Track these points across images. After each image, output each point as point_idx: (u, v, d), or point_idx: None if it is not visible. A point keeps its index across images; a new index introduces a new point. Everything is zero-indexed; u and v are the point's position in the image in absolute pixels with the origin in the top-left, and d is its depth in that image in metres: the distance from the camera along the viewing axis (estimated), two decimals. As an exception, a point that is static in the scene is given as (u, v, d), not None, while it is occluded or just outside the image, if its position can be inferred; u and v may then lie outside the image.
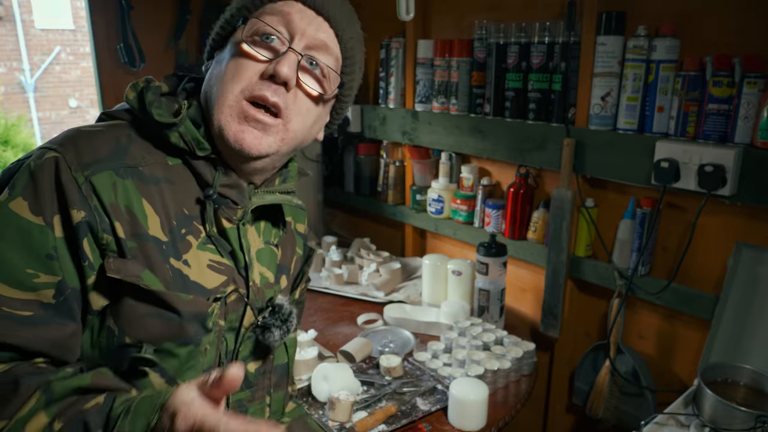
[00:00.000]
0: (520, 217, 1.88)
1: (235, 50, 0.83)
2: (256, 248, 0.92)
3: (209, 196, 0.83)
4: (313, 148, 2.41)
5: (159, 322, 0.79)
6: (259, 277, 0.91)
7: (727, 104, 1.38)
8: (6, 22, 9.94)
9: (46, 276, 0.74)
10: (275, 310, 0.90)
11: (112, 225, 0.76)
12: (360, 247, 2.31)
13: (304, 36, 0.83)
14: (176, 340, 0.80)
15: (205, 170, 0.84)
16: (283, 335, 0.91)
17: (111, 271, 0.75)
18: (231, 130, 0.81)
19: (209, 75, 0.86)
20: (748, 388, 1.27)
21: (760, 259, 1.39)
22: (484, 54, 1.88)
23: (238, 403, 0.91)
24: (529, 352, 1.56)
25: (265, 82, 0.81)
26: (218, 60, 0.85)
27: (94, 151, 0.77)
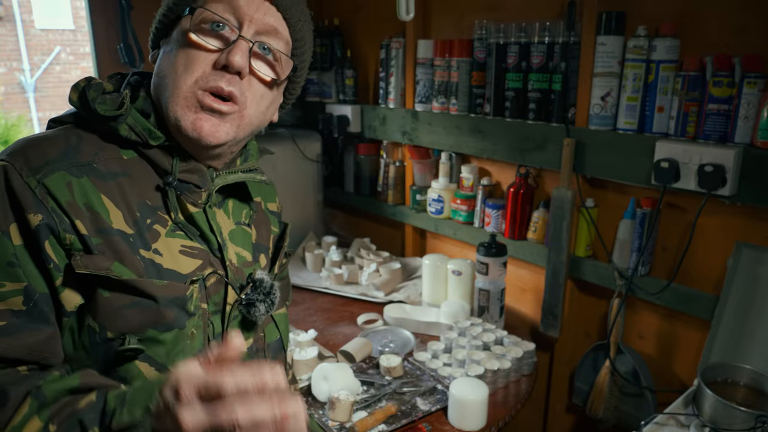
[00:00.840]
0: (520, 217, 1.88)
1: (184, 40, 0.82)
2: (227, 230, 0.91)
3: (169, 184, 0.83)
4: (313, 148, 2.41)
5: (137, 311, 0.79)
6: (235, 257, 0.91)
7: (727, 104, 1.38)
8: (6, 22, 9.94)
9: (11, 284, 0.74)
10: (256, 285, 0.90)
11: (73, 224, 0.76)
12: (360, 247, 2.31)
13: (252, 22, 0.82)
14: (158, 327, 0.80)
15: (162, 159, 0.84)
16: (269, 308, 0.91)
17: (79, 267, 0.75)
18: (188, 120, 0.81)
19: (159, 66, 0.85)
20: (748, 388, 1.27)
21: (760, 259, 1.39)
22: (484, 54, 1.88)
23: None
24: (529, 352, 1.56)
25: (218, 72, 0.81)
26: (166, 50, 0.84)
27: (44, 154, 0.77)
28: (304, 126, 2.56)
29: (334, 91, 2.48)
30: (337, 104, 2.45)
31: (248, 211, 0.97)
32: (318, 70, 2.55)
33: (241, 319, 0.91)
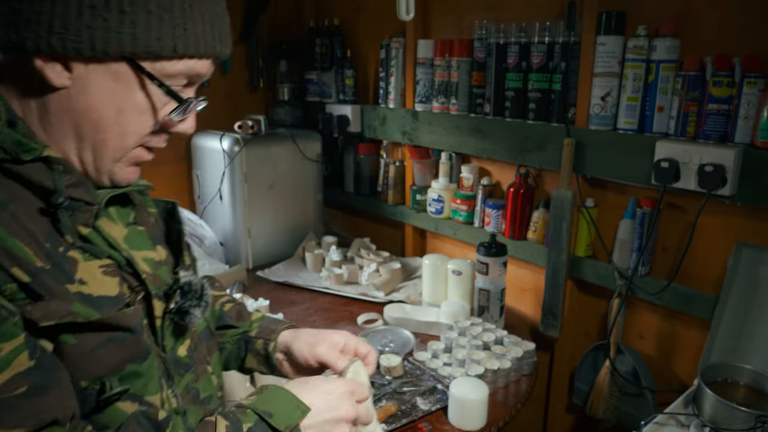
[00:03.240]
0: (520, 217, 1.88)
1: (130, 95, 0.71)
2: (122, 237, 0.79)
3: (60, 205, 0.68)
4: (313, 148, 2.41)
5: (113, 348, 0.71)
6: (145, 263, 0.80)
7: (727, 104, 1.38)
8: (6, 22, 9.88)
9: (7, 344, 0.62)
10: (185, 291, 0.81)
11: (7, 272, 0.64)
12: (360, 247, 2.31)
13: (201, 80, 0.79)
14: (136, 360, 0.73)
15: (40, 175, 0.68)
16: (204, 311, 0.83)
17: (41, 320, 0.64)
18: (123, 176, 0.76)
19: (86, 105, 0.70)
20: (748, 388, 1.27)
21: (760, 259, 1.39)
22: (484, 54, 1.88)
23: (187, 388, 0.84)
24: (529, 352, 1.56)
25: (163, 135, 0.78)
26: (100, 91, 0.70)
27: None
28: (304, 126, 2.56)
29: (334, 91, 2.48)
30: (337, 104, 2.45)
31: (129, 211, 0.85)
32: (318, 70, 2.55)
33: (173, 327, 0.82)
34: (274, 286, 2.11)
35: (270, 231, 2.34)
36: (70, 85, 0.68)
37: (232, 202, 2.24)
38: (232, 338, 1.02)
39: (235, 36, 2.56)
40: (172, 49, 0.69)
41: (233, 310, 1.05)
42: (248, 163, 2.21)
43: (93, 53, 0.67)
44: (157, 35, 0.68)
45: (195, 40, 0.71)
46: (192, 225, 2.22)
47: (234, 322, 1.03)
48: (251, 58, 2.61)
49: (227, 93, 2.59)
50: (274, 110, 2.63)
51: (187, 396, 0.84)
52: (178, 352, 0.83)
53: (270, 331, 1.01)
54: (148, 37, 0.67)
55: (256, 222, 2.29)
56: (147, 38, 0.67)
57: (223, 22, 0.75)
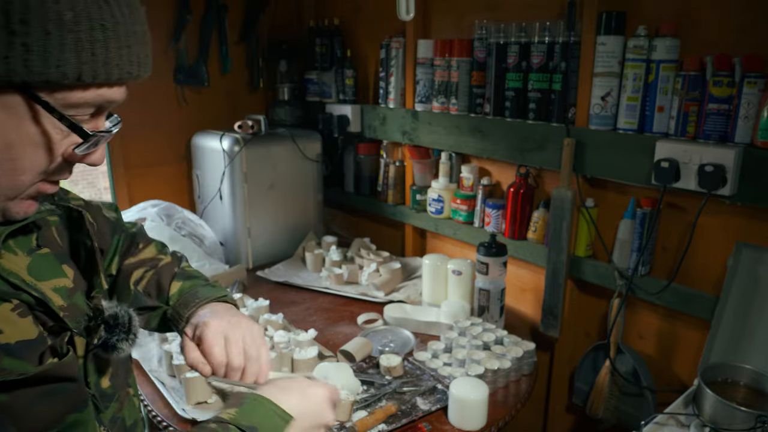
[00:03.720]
0: (520, 217, 1.88)
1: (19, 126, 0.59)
2: (25, 268, 0.69)
3: None
4: (313, 148, 2.42)
5: (50, 403, 0.65)
6: (57, 295, 0.71)
7: (727, 104, 1.38)
8: (6, 22, 9.87)
9: None
10: (111, 324, 0.73)
11: None
12: (360, 247, 2.31)
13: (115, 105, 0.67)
14: (78, 409, 0.68)
15: None
16: (133, 343, 0.75)
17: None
18: (20, 211, 0.66)
19: None
20: (748, 388, 1.27)
21: (760, 259, 1.39)
22: (484, 54, 1.88)
23: (113, 419, 0.78)
24: (529, 352, 1.56)
25: (68, 166, 0.66)
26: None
27: None
28: (304, 126, 2.56)
29: (334, 91, 2.48)
30: (337, 104, 2.45)
31: (33, 235, 0.74)
32: (318, 70, 2.56)
33: (96, 361, 0.75)
34: (274, 286, 2.11)
35: (270, 231, 2.34)
36: None
37: (232, 202, 2.24)
38: (154, 318, 0.94)
39: (235, 36, 2.56)
40: (76, 77, 0.58)
41: (151, 282, 0.95)
42: (248, 163, 2.21)
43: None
44: (57, 61, 0.56)
45: (105, 65, 0.59)
46: (192, 225, 2.22)
47: (152, 302, 0.94)
48: (251, 58, 2.61)
49: (227, 93, 2.59)
50: (274, 110, 2.64)
51: (113, 427, 0.78)
52: (102, 384, 0.76)
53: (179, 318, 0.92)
54: (44, 63, 0.56)
55: (256, 222, 2.29)
56: (43, 65, 0.56)
57: (142, 42, 0.64)
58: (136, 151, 2.37)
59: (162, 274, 0.96)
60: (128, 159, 2.38)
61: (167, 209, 2.17)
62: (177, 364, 1.47)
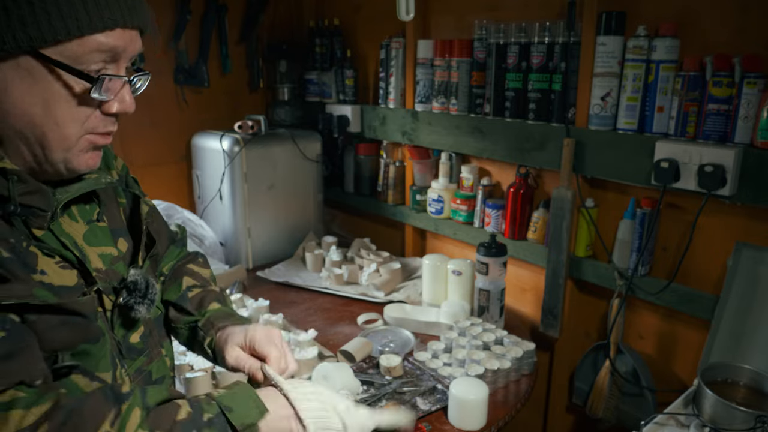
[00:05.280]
0: (520, 217, 1.88)
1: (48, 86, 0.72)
2: (80, 235, 0.85)
3: (12, 213, 0.74)
4: (313, 148, 2.42)
5: (66, 330, 0.77)
6: (100, 261, 0.86)
7: (727, 104, 1.38)
8: (6, 22, 9.86)
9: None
10: (131, 289, 0.87)
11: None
12: (360, 247, 2.31)
13: (128, 55, 0.78)
14: (89, 340, 0.80)
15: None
16: (149, 307, 0.89)
17: (3, 299, 0.70)
18: (81, 162, 0.78)
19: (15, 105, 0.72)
20: (748, 388, 1.27)
21: (760, 259, 1.39)
22: (484, 54, 1.88)
23: (139, 371, 0.91)
24: (529, 352, 1.56)
25: (108, 118, 0.78)
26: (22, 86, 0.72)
27: None
28: (304, 126, 2.56)
29: (334, 91, 2.48)
30: (337, 104, 2.45)
31: (94, 206, 0.90)
32: (318, 70, 2.56)
33: (122, 319, 0.89)
34: (274, 287, 2.11)
35: (270, 231, 2.34)
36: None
37: (232, 202, 2.24)
38: (185, 325, 1.05)
39: (235, 36, 2.56)
40: (65, 31, 0.69)
41: (197, 297, 1.07)
42: (248, 163, 2.21)
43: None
44: (47, 22, 0.68)
45: (88, 15, 0.70)
46: (192, 225, 2.22)
47: (192, 309, 1.06)
48: (251, 58, 2.61)
49: (227, 93, 2.59)
50: (274, 110, 2.64)
51: (138, 377, 0.91)
52: (131, 339, 0.90)
53: (210, 326, 1.04)
54: (38, 26, 0.68)
55: (256, 222, 2.29)
56: (38, 28, 0.68)
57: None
58: (136, 151, 2.37)
59: (207, 295, 1.08)
60: (128, 159, 2.36)
61: (167, 209, 2.17)
62: (178, 365, 1.47)
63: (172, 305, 1.05)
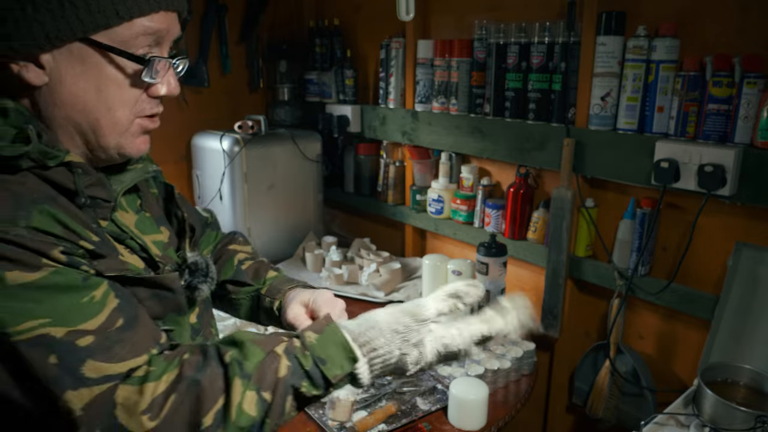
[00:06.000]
0: (520, 217, 1.88)
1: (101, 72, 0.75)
2: (133, 224, 0.88)
3: (83, 205, 0.76)
4: (313, 148, 2.42)
5: (156, 302, 0.82)
6: (155, 246, 0.89)
7: (727, 104, 1.38)
8: (6, 22, 9.85)
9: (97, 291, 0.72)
10: (192, 270, 0.91)
11: (76, 243, 0.73)
12: (360, 247, 2.31)
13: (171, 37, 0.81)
14: (178, 311, 0.86)
15: (62, 177, 0.75)
16: (211, 285, 0.93)
17: (105, 271, 0.75)
18: (132, 146, 0.82)
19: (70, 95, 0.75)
20: (748, 388, 1.27)
21: (760, 259, 1.39)
22: (484, 54, 1.88)
23: None
24: (529, 352, 1.57)
25: (154, 100, 0.82)
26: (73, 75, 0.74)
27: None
28: (304, 126, 2.56)
29: (334, 91, 2.48)
30: (337, 104, 2.45)
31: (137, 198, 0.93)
32: (318, 70, 2.56)
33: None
34: (274, 286, 2.11)
35: (270, 231, 2.34)
36: (48, 80, 0.74)
37: (232, 202, 2.24)
38: (246, 295, 1.08)
39: (235, 36, 2.56)
40: (115, 15, 0.72)
41: (251, 267, 1.11)
42: (248, 163, 2.21)
43: (50, 43, 0.71)
44: (97, 8, 0.71)
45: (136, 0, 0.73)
46: (192, 225, 2.22)
47: (250, 280, 1.09)
48: (251, 58, 2.61)
49: (227, 93, 2.59)
50: (274, 110, 2.64)
51: None
52: (190, 319, 0.93)
53: (277, 291, 1.07)
54: (90, 12, 0.71)
55: (256, 222, 2.29)
56: (89, 14, 0.71)
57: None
58: (136, 151, 2.37)
59: (261, 265, 1.12)
60: (128, 159, 2.38)
61: (167, 209, 2.17)
62: None
63: (228, 282, 1.09)
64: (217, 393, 0.71)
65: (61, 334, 0.67)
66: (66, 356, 0.66)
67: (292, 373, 0.75)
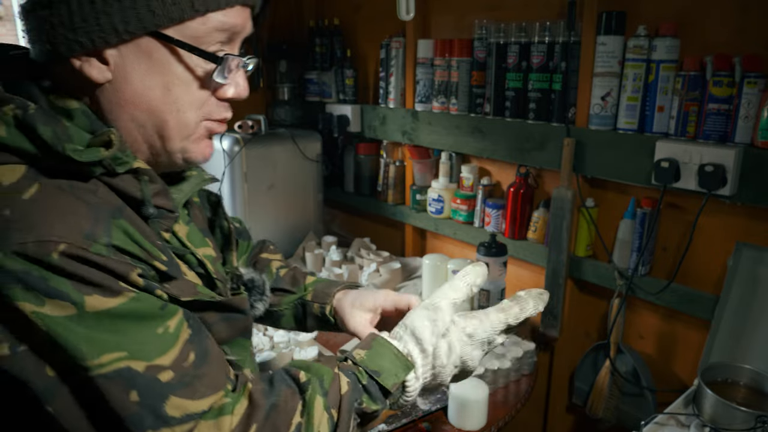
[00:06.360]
0: (520, 217, 1.88)
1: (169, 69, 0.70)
2: (185, 236, 0.81)
3: (151, 215, 0.71)
4: (313, 148, 2.41)
5: (225, 325, 0.77)
6: (206, 260, 0.82)
7: (727, 104, 1.38)
8: (6, 22, 9.93)
9: (171, 321, 0.67)
10: (249, 287, 0.88)
11: (148, 263, 0.68)
12: (360, 247, 2.31)
13: (243, 35, 0.76)
14: (245, 335, 0.82)
15: (129, 185, 0.70)
16: (265, 304, 0.91)
17: (181, 296, 0.70)
18: (198, 151, 0.77)
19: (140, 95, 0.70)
20: (748, 388, 1.27)
21: (760, 259, 1.39)
22: (484, 54, 1.88)
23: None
24: (529, 352, 1.57)
25: (222, 103, 0.76)
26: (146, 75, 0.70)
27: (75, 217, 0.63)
28: (304, 126, 2.56)
29: (334, 91, 2.48)
30: (337, 104, 2.45)
31: (186, 209, 0.87)
32: (318, 70, 2.55)
33: None
34: (274, 286, 2.11)
35: (270, 231, 2.34)
36: (112, 77, 0.68)
37: (232, 202, 2.24)
38: (289, 304, 1.05)
39: (235, 36, 2.56)
40: (192, 9, 0.67)
41: (287, 275, 1.08)
42: (248, 163, 2.21)
43: (119, 37, 0.66)
44: (172, 0, 0.66)
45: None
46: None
47: (289, 287, 1.05)
48: (251, 58, 2.61)
49: (227, 93, 2.58)
50: (274, 110, 2.63)
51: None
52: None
53: (324, 295, 1.04)
54: (164, 4, 0.66)
55: (256, 222, 2.28)
56: (163, 6, 0.66)
57: None
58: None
59: (296, 272, 1.09)
60: (128, 159, 2.38)
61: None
62: None
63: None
64: (293, 414, 0.70)
65: (142, 369, 0.62)
66: (148, 393, 0.61)
67: (352, 389, 0.74)
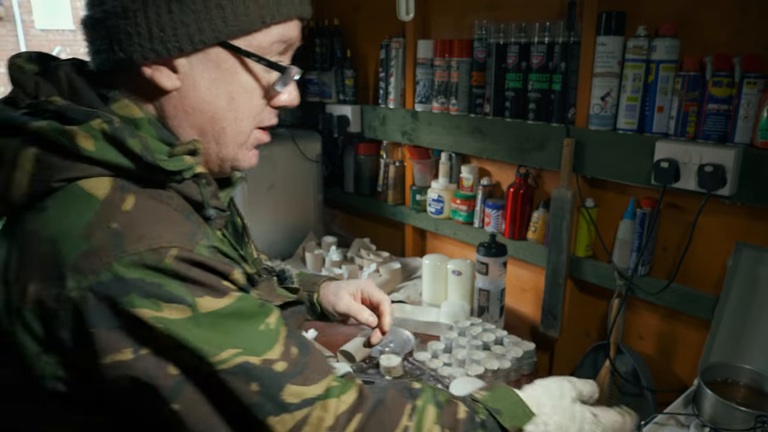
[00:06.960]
0: (520, 217, 1.88)
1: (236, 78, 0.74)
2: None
3: (211, 217, 0.74)
4: (313, 148, 2.42)
5: (293, 319, 0.84)
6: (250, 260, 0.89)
7: (727, 104, 1.38)
8: (6, 23, 9.95)
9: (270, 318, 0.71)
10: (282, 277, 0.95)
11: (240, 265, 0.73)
12: (360, 247, 2.31)
13: (296, 45, 0.81)
14: (300, 326, 0.90)
15: (191, 189, 0.73)
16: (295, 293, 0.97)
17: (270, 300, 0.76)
18: (246, 159, 0.80)
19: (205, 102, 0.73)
20: (748, 388, 1.27)
21: (760, 259, 1.39)
22: (484, 54, 1.88)
23: None
24: (529, 352, 1.56)
25: (273, 111, 0.80)
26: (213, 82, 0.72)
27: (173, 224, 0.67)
28: (304, 126, 2.56)
29: (334, 91, 2.48)
30: (337, 104, 2.45)
31: None
32: (318, 70, 2.55)
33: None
34: (274, 286, 2.11)
35: (270, 231, 2.34)
36: (180, 85, 0.71)
37: (232, 202, 2.24)
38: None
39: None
40: (261, 20, 0.71)
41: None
42: (248, 163, 2.21)
43: (192, 46, 0.69)
44: (244, 12, 0.70)
45: (277, 5, 0.72)
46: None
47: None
48: (251, 58, 2.61)
49: (227, 93, 2.58)
50: (274, 110, 2.63)
51: None
52: None
53: (311, 284, 1.12)
54: (236, 15, 0.69)
55: (255, 222, 2.28)
56: (236, 17, 0.69)
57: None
58: (136, 151, 2.36)
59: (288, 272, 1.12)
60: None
61: (167, 209, 2.17)
62: None
63: None
64: (401, 415, 0.73)
65: (258, 362, 0.66)
66: (266, 383, 0.66)
67: (469, 420, 0.77)
